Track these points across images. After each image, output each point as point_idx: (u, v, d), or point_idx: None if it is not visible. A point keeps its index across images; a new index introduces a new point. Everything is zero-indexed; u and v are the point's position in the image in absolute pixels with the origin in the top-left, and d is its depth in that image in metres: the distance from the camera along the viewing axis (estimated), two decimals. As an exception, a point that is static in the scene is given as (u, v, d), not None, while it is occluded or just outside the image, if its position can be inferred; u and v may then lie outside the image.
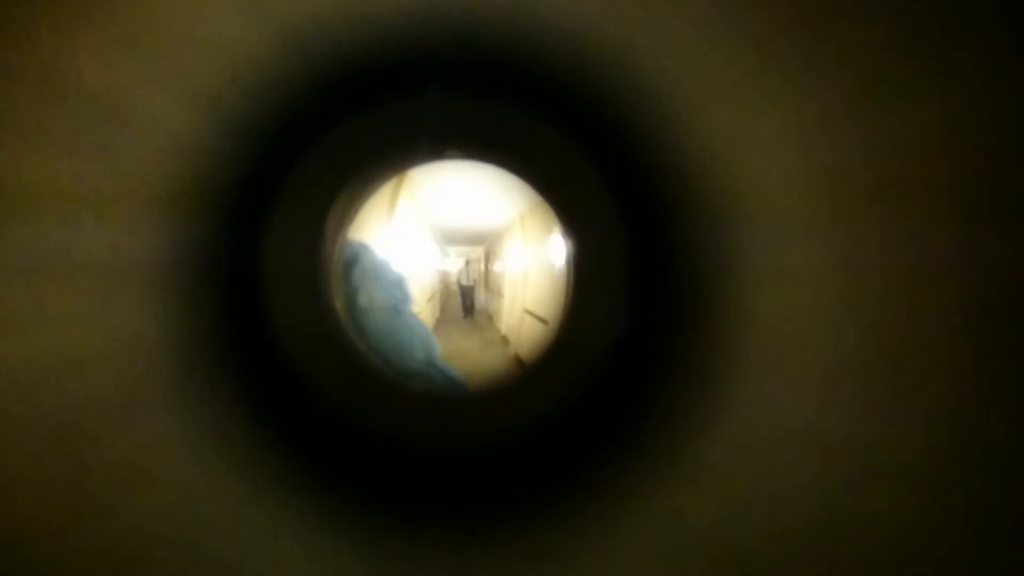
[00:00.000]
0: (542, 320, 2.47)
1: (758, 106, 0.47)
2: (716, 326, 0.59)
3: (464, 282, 4.68)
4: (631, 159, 0.72)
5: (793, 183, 0.46)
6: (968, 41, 0.32)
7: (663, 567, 0.49)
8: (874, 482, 0.38)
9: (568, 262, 0.90)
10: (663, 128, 0.62)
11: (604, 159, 0.75)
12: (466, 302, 4.58)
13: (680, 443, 0.57)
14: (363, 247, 1.17)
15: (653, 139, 0.64)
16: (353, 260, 1.14)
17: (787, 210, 0.48)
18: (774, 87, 0.45)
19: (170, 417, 0.53)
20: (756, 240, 0.52)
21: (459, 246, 4.33)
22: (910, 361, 0.37)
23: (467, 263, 4.65)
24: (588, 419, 0.74)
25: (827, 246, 0.43)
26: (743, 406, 0.52)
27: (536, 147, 0.76)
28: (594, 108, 0.70)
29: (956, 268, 0.34)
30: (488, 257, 4.30)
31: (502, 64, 0.69)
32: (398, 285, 1.21)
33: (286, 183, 0.75)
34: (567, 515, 0.60)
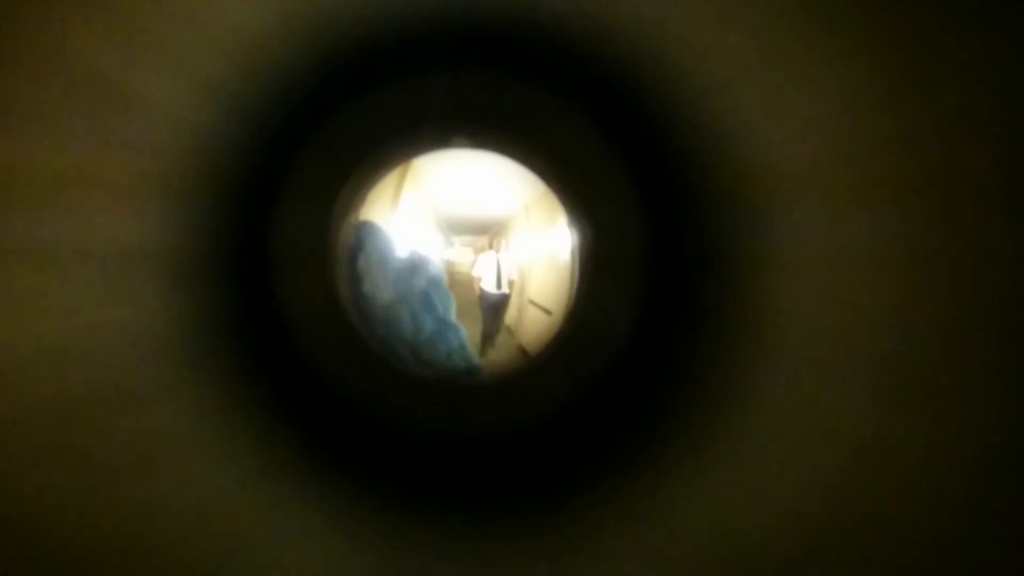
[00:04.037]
0: (546, 311, 2.46)
1: (789, 88, 0.46)
2: (739, 317, 0.58)
3: (489, 287, 2.87)
4: (651, 143, 0.70)
5: (827, 168, 0.45)
6: (1016, 24, 0.30)
7: (677, 562, 0.49)
8: (906, 481, 0.37)
9: (575, 252, 0.90)
10: (685, 111, 0.60)
11: (622, 143, 0.74)
12: (490, 320, 2.74)
13: (701, 438, 0.57)
14: (369, 232, 1.17)
15: (675, 122, 0.63)
16: (358, 247, 1.14)
17: (819, 196, 0.46)
18: (806, 68, 0.43)
19: (177, 402, 0.53)
20: (783, 227, 0.51)
21: (463, 235, 4.08)
22: (950, 357, 0.35)
23: (497, 257, 2.86)
24: (601, 412, 0.74)
25: (862, 234, 0.42)
26: (767, 400, 0.51)
27: (551, 132, 0.75)
28: (612, 91, 0.68)
29: (1002, 259, 0.32)
30: (492, 247, 4.10)
31: (512, 46, 0.68)
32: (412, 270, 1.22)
33: (294, 169, 0.74)
34: (578, 508, 0.60)
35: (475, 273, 3.10)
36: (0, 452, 0.37)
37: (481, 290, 3.02)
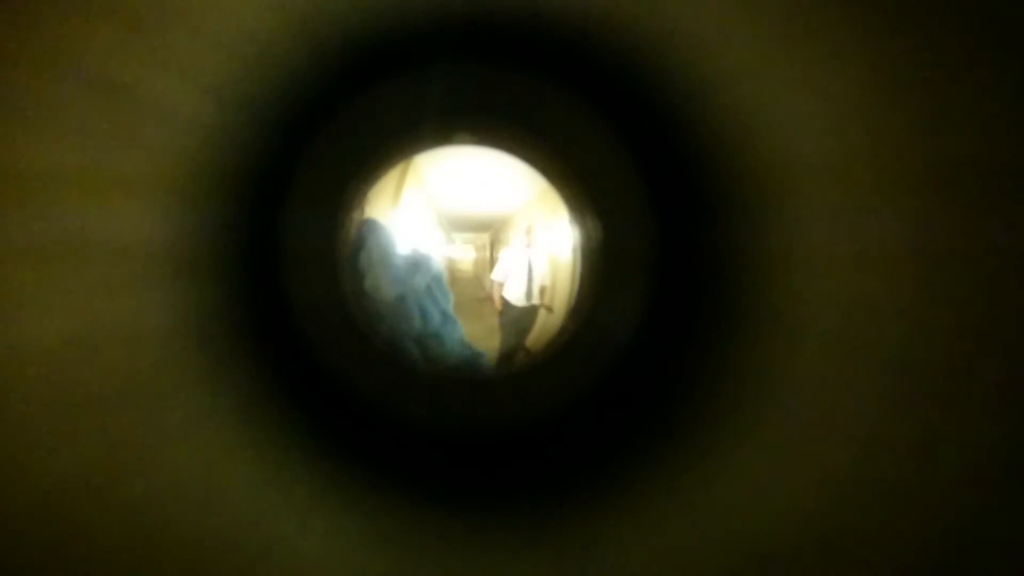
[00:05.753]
0: (548, 308, 2.47)
1: (800, 83, 0.45)
2: (748, 314, 0.57)
3: (515, 297, 1.99)
4: (658, 139, 0.70)
5: (840, 164, 0.44)
6: None
7: (684, 560, 0.49)
8: (918, 479, 0.36)
9: (578, 249, 0.89)
10: (694, 106, 0.60)
11: (628, 138, 0.73)
12: (511, 339, 1.92)
13: (708, 437, 0.56)
14: (370, 229, 1.17)
15: (683, 117, 0.63)
16: (360, 244, 1.15)
17: (831, 192, 0.45)
18: (819, 63, 0.43)
19: (185, 398, 0.53)
20: (794, 224, 0.50)
21: (464, 232, 4.06)
22: (963, 356, 0.35)
23: (528, 256, 2.00)
24: (607, 409, 0.74)
25: (876, 231, 0.41)
26: (777, 398, 0.50)
27: (555, 127, 0.75)
28: (618, 85, 0.68)
29: (1017, 258, 0.32)
30: (493, 244, 4.07)
31: (515, 41, 0.68)
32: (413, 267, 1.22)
33: (300, 167, 0.74)
34: (582, 504, 0.60)
35: (496, 277, 2.12)
36: (6, 450, 0.37)
37: (504, 301, 2.07)
